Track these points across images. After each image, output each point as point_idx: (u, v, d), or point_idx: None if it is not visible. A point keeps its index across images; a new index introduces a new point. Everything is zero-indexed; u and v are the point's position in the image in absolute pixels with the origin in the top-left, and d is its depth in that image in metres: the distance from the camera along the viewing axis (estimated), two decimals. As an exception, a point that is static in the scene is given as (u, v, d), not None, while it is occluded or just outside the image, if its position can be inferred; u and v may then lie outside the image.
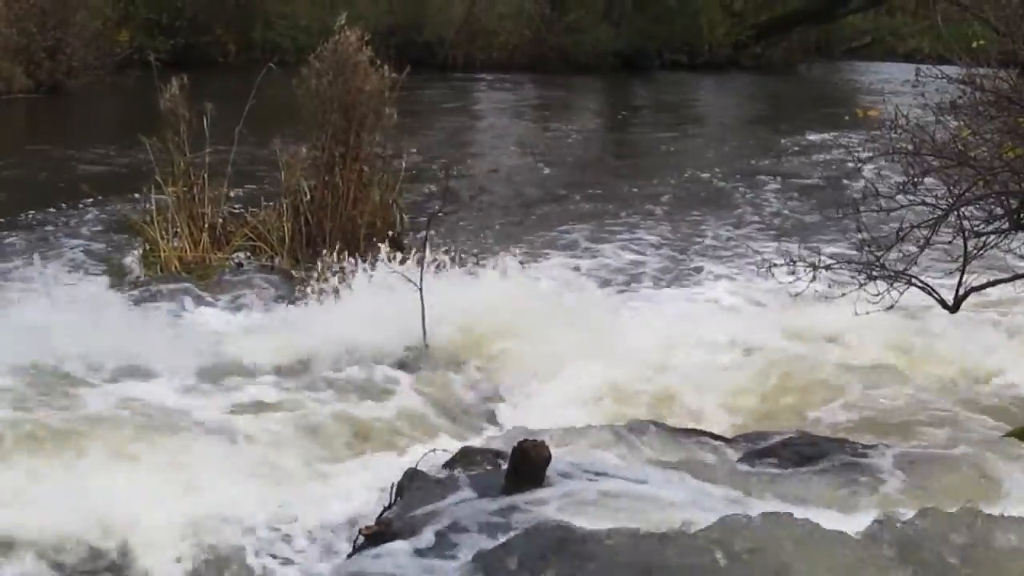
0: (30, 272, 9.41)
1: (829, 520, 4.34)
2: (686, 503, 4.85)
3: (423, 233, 8.59)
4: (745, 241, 12.12)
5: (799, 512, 4.44)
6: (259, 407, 6.70)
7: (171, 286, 9.28)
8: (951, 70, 7.20)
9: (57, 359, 7.00)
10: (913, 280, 6.86)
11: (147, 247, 10.13)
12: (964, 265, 6.82)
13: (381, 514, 5.04)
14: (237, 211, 10.94)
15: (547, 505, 4.73)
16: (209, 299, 9.07)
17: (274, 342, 7.86)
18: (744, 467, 5.64)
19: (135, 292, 9.17)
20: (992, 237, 6.92)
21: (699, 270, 10.94)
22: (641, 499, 4.87)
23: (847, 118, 20.34)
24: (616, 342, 7.97)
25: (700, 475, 5.30)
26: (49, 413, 6.21)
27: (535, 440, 4.98)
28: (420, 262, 8.00)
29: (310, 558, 5.32)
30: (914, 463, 5.63)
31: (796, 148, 19.12)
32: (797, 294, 7.22)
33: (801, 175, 16.59)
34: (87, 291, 8.99)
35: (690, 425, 6.58)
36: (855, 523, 4.43)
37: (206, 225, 10.19)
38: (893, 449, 5.81)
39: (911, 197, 6.86)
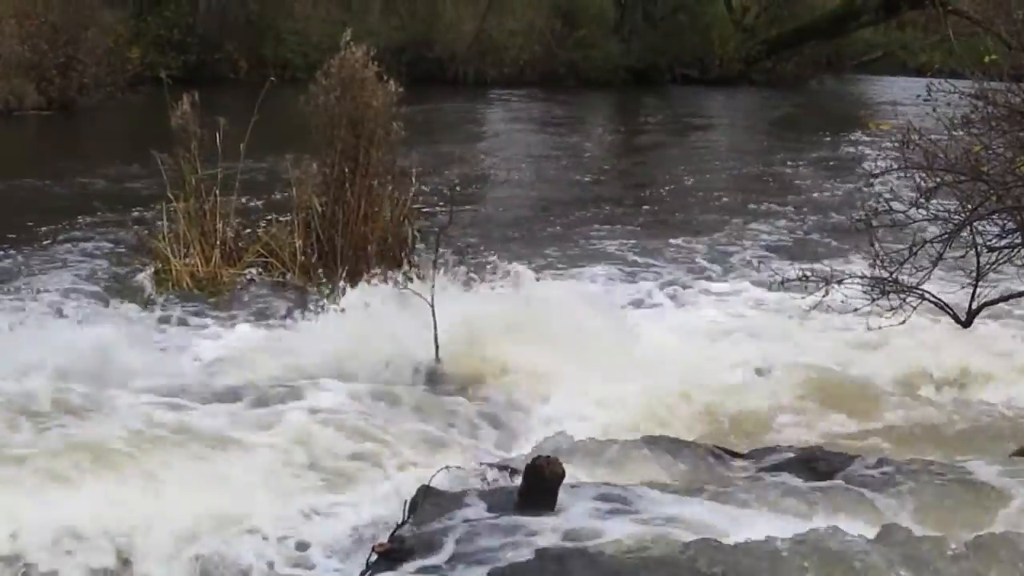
0: (41, 290, 9.45)
1: (841, 534, 4.33)
2: (699, 520, 4.83)
3: (436, 249, 8.58)
4: (757, 255, 12.09)
5: (813, 527, 4.43)
6: (271, 423, 6.69)
7: (182, 303, 9.31)
8: (963, 84, 7.19)
9: (63, 376, 7.02)
10: (926, 295, 6.85)
11: (159, 264, 10.13)
12: (977, 280, 6.81)
13: (394, 531, 5.02)
14: (249, 227, 10.94)
15: (560, 522, 4.71)
16: (221, 315, 9.08)
17: (286, 358, 7.86)
18: (758, 483, 5.62)
19: (146, 309, 9.18)
20: (1005, 252, 6.92)
21: (712, 284, 10.90)
22: (655, 516, 4.85)
23: (859, 132, 20.37)
24: (631, 357, 7.95)
25: (714, 491, 5.29)
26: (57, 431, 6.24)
27: (549, 457, 4.97)
28: (431, 278, 7.99)
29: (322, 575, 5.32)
30: (925, 479, 5.59)
31: (807, 162, 19.08)
32: (810, 309, 7.22)
33: (813, 189, 16.55)
34: (98, 309, 9.01)
35: (704, 441, 6.56)
36: (866, 538, 4.42)
37: (218, 241, 10.19)
38: (904, 465, 5.79)
39: (924, 212, 6.86)
